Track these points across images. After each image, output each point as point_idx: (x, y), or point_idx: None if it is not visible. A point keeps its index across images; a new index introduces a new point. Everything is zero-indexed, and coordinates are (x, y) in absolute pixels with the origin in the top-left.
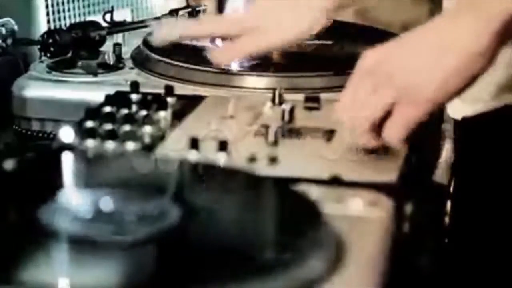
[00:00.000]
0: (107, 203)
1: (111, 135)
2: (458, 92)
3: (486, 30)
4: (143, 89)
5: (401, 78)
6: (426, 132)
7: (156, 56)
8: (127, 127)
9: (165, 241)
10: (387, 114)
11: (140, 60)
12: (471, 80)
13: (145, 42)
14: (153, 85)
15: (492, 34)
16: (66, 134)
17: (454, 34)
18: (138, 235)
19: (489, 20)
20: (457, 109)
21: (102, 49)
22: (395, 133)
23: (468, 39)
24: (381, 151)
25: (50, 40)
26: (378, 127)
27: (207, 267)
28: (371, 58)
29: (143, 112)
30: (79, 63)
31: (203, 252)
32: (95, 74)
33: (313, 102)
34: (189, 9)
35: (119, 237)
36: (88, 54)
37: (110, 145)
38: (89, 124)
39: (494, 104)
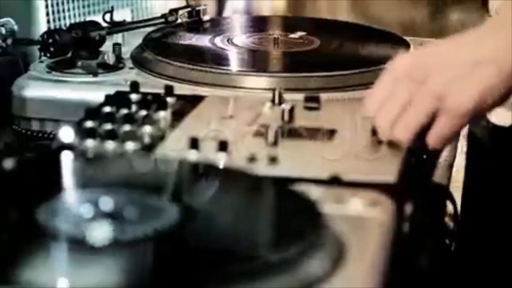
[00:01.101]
0: (106, 203)
1: (111, 135)
2: (496, 104)
3: None
4: (143, 89)
5: (435, 85)
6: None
7: (156, 56)
8: (127, 127)
9: (165, 241)
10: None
11: (140, 60)
12: (509, 94)
13: (145, 42)
14: (153, 85)
15: None
16: (66, 134)
17: (493, 46)
18: (138, 235)
19: None
20: (501, 116)
21: (102, 49)
22: (434, 141)
23: (507, 51)
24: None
25: (50, 40)
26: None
27: (207, 267)
28: (405, 61)
29: (143, 112)
30: (79, 63)
31: (203, 252)
32: (95, 74)
33: (313, 102)
34: (189, 9)
35: (118, 237)
36: (88, 54)
37: (110, 145)
38: (89, 124)
39: None
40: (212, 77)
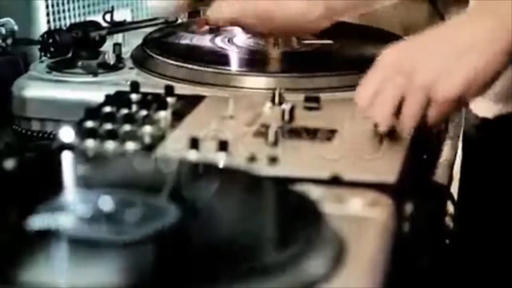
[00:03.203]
0: (106, 203)
1: (111, 135)
2: (480, 91)
3: (504, 28)
4: (143, 89)
5: (423, 77)
6: (427, 131)
7: (156, 56)
8: (127, 127)
9: (165, 241)
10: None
11: (140, 60)
12: (493, 80)
13: (145, 42)
14: (153, 85)
15: (509, 32)
16: (66, 134)
17: (475, 34)
18: (138, 235)
19: (504, 20)
20: (485, 108)
21: (102, 49)
22: (430, 123)
23: (489, 38)
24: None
25: (50, 40)
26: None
27: (207, 267)
28: (392, 55)
29: (143, 112)
30: (79, 63)
31: (203, 252)
32: (95, 74)
33: (313, 102)
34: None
35: (118, 237)
36: (88, 54)
37: (110, 145)
38: (89, 124)
39: None
40: (212, 77)
